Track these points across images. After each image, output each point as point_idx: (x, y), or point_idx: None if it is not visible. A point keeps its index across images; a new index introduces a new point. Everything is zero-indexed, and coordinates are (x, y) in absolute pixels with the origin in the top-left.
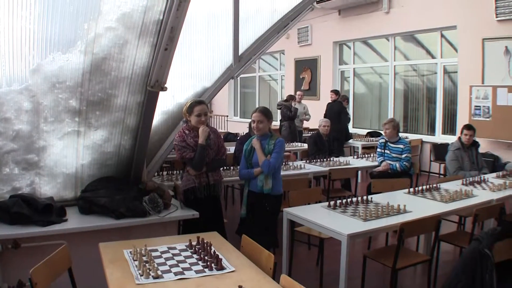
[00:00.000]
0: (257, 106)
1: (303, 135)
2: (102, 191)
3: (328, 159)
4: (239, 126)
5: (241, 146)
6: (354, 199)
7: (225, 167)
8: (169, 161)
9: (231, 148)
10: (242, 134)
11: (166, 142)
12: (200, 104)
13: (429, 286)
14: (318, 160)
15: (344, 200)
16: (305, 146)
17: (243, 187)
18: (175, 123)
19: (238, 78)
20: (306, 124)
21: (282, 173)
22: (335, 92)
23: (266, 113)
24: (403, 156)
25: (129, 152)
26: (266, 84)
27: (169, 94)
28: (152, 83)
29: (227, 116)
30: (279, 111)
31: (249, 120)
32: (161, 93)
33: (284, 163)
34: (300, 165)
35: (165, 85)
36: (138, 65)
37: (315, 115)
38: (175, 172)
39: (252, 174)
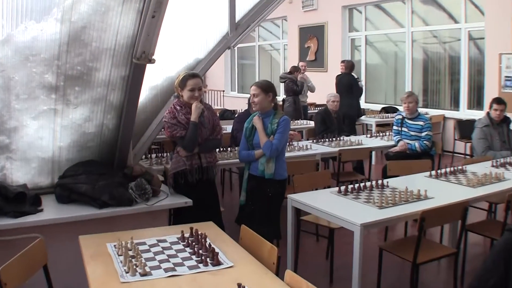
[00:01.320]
0: (257, 79)
1: (309, 111)
2: (82, 177)
3: (338, 138)
4: (237, 102)
5: (239, 124)
6: (368, 183)
7: (221, 148)
8: (158, 142)
9: (227, 127)
10: (240, 111)
11: (154, 121)
12: (194, 78)
13: (455, 282)
14: (327, 139)
15: (356, 185)
16: (312, 124)
17: (242, 171)
18: (164, 99)
19: (235, 48)
20: (312, 99)
21: (286, 154)
22: (346, 62)
23: (262, 85)
24: (423, 134)
25: (113, 132)
26: (267, 55)
27: (158, 67)
28: (138, 55)
29: (223, 91)
30: (282, 84)
31: (248, 96)
32: (148, 66)
33: (288, 144)
34: (306, 146)
35: (153, 57)
36: (122, 34)
37: (323, 89)
38: (165, 154)
39: (252, 156)
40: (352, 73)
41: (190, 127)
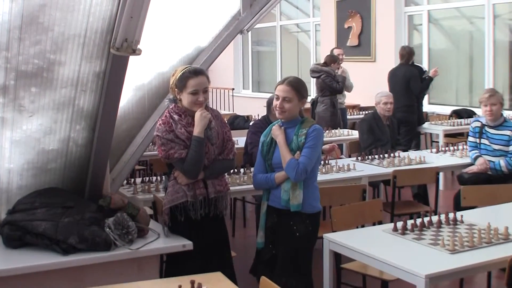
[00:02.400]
0: (278, 72)
1: (351, 116)
2: (40, 211)
3: (392, 154)
4: (251, 104)
5: (255, 137)
6: (435, 218)
7: (232, 171)
8: (144, 161)
9: (239, 140)
10: (256, 118)
11: (140, 133)
12: (198, 76)
13: None
14: (376, 156)
15: (418, 220)
16: (355, 134)
17: (259, 201)
18: (154, 103)
19: (249, 32)
20: (353, 99)
21: (321, 178)
22: (402, 49)
23: (298, 87)
24: (511, 148)
25: (83, 149)
26: (291, 39)
27: (145, 61)
28: (119, 44)
29: (233, 89)
30: (313, 81)
31: (268, 96)
32: (132, 59)
33: (322, 162)
34: (348, 165)
35: (138, 47)
36: (96, 15)
37: (369, 86)
38: (155, 178)
39: (272, 181)
40: (416, 63)
41: (193, 144)
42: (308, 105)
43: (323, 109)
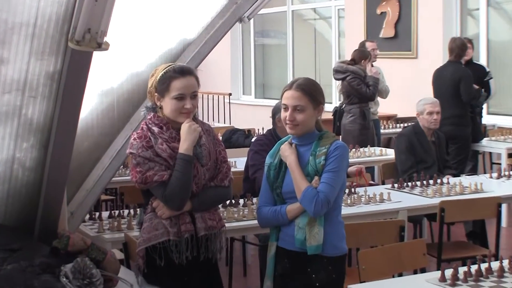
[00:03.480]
0: (289, 72)
1: (381, 130)
2: None
3: (439, 180)
4: (254, 115)
5: (259, 157)
6: (495, 264)
7: (229, 201)
8: (113, 190)
9: (238, 161)
10: (259, 133)
11: (108, 153)
12: (185, 76)
13: None
14: (418, 183)
15: (473, 267)
16: (390, 154)
17: (265, 241)
18: (126, 112)
19: (251, 19)
20: (386, 108)
21: (347, 211)
22: (451, 42)
23: (311, 91)
24: None
25: (32, 174)
26: (307, 29)
27: (115, 58)
28: (79, 35)
29: (229, 95)
30: (338, 83)
31: (274, 104)
32: (98, 56)
33: (347, 191)
34: (382, 195)
35: (105, 39)
36: (49, 0)
37: (409, 90)
38: (126, 212)
39: (283, 215)
40: (475, 61)
41: (179, 164)
42: (328, 115)
43: (350, 120)
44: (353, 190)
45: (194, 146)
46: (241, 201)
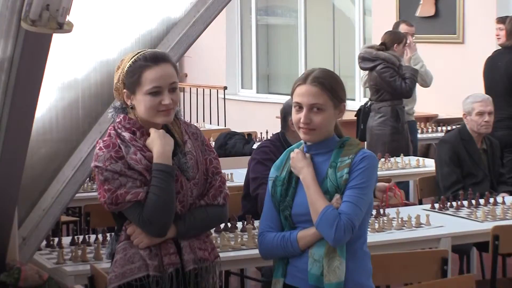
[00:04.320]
0: (301, 60)
1: (418, 135)
2: None
3: (492, 200)
4: (256, 114)
5: (262, 168)
6: None
7: (224, 225)
8: (77, 210)
9: (235, 173)
10: (263, 138)
11: (70, 163)
12: (159, 64)
13: None
14: (465, 202)
15: None
16: (429, 165)
17: (269, 276)
18: (94, 112)
19: None
20: (423, 106)
21: (373, 238)
22: (509, 22)
23: (331, 85)
24: None
25: None
26: (324, 5)
27: (79, 42)
28: (35, 14)
29: (225, 89)
30: (363, 75)
31: (283, 99)
32: (58, 39)
33: (374, 212)
34: (418, 217)
35: (68, 19)
36: None
37: (454, 84)
38: (93, 238)
39: (293, 244)
40: None
41: (156, 178)
42: (350, 116)
43: (379, 122)
44: (382, 211)
45: (176, 154)
46: (239, 224)
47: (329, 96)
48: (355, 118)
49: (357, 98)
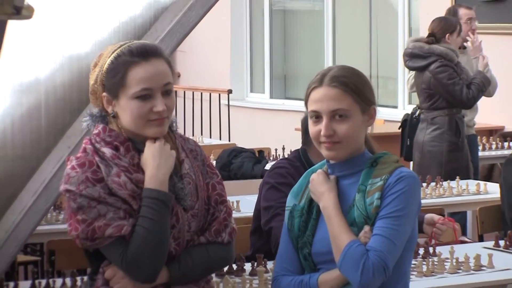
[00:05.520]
0: (327, 57)
1: (480, 152)
2: None
3: None
4: (269, 125)
5: (279, 195)
6: None
7: (229, 268)
8: (38, 247)
9: (243, 201)
10: (279, 156)
11: (30, 185)
12: (149, 60)
13: None
14: None
15: None
16: (492, 191)
17: None
18: (60, 122)
19: None
20: (483, 116)
21: (419, 284)
22: None
23: (356, 85)
24: None
25: None
26: None
27: (43, 32)
28: None
29: (229, 92)
30: (410, 76)
31: (301, 109)
32: (15, 27)
33: (422, 251)
34: (479, 258)
35: (27, 2)
36: None
37: None
38: (60, 283)
39: None
40: None
41: (149, 208)
42: (392, 128)
43: (433, 136)
44: (431, 250)
45: (170, 177)
46: (248, 266)
47: (354, 98)
48: (399, 131)
49: (400, 105)
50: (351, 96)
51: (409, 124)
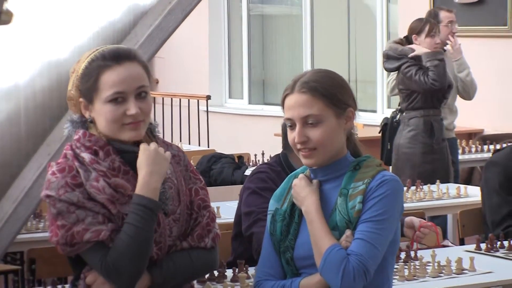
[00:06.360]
0: (306, 61)
1: (460, 156)
2: None
3: None
4: (248, 131)
5: (260, 200)
6: None
7: (210, 274)
8: (17, 256)
9: (223, 207)
10: (259, 161)
11: (10, 193)
12: (121, 63)
13: None
14: None
15: None
16: (472, 194)
17: None
18: (40, 129)
19: None
20: (465, 119)
21: (401, 287)
22: None
23: (326, 89)
24: None
25: None
26: None
27: (22, 37)
28: None
29: (208, 98)
30: (390, 78)
31: (280, 114)
32: None
33: (405, 256)
34: (460, 261)
35: (6, 6)
36: None
37: (505, 90)
38: None
39: None
40: None
41: (135, 214)
42: (372, 132)
43: (408, 138)
44: (412, 254)
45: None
46: (229, 272)
47: (324, 102)
48: (379, 135)
49: (380, 109)
50: (321, 101)
51: (389, 128)
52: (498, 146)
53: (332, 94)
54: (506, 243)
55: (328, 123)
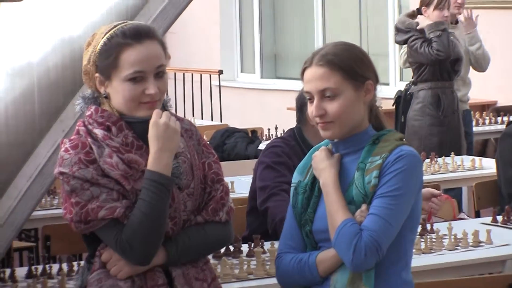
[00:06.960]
0: (318, 36)
1: (474, 127)
2: None
3: None
4: (261, 106)
5: (275, 174)
6: None
7: (225, 249)
8: (32, 232)
9: (237, 182)
10: (272, 135)
11: (24, 171)
12: (142, 41)
13: None
14: None
15: None
16: (488, 167)
17: None
18: (53, 106)
19: None
20: (478, 91)
21: (418, 261)
22: None
23: (344, 62)
24: None
25: None
26: None
27: (33, 14)
28: None
29: (220, 72)
30: (402, 51)
31: (297, 87)
32: (6, 10)
33: (420, 229)
34: (476, 234)
35: None
36: None
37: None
38: (57, 268)
39: (311, 268)
40: None
41: (148, 190)
42: (383, 104)
43: (415, 110)
44: (428, 227)
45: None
46: (245, 247)
47: (342, 75)
48: (393, 108)
49: (392, 82)
50: (339, 73)
51: (403, 100)
52: None
53: (350, 66)
54: None
55: (345, 96)
